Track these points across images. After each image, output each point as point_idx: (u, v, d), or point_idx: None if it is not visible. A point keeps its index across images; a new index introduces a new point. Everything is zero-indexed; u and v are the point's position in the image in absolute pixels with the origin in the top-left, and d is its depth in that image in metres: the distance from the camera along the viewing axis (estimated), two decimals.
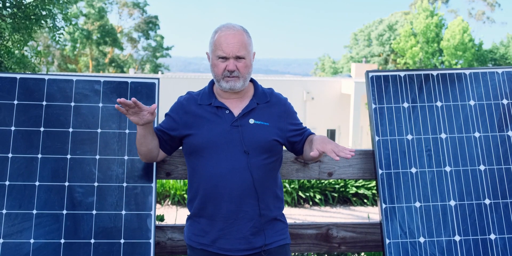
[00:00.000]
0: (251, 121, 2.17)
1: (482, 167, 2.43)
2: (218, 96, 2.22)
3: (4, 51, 2.98)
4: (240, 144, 2.13)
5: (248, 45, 2.14)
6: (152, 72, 38.98)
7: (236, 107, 2.20)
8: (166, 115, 2.28)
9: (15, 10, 3.00)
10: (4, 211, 2.28)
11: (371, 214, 8.06)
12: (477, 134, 2.47)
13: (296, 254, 3.10)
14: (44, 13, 3.02)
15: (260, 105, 2.22)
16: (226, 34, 2.12)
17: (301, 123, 2.32)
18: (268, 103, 2.24)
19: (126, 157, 2.40)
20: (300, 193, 8.86)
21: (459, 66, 29.78)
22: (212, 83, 2.27)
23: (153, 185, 2.39)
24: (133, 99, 2.00)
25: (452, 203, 2.39)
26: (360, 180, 9.12)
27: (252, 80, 2.28)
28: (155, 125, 2.38)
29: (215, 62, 2.14)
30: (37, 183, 2.33)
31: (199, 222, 2.20)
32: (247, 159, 2.13)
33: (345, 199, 9.15)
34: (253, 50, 2.21)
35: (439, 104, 2.51)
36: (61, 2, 3.05)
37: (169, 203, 8.67)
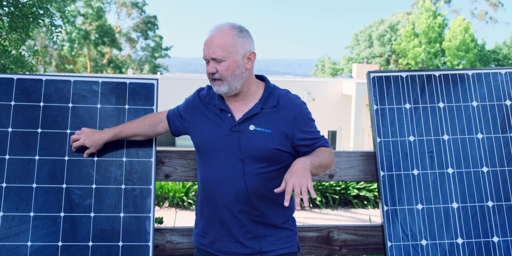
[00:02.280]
0: (251, 127, 2.06)
1: (485, 169, 2.40)
2: (224, 98, 2.15)
3: (1, 50, 2.96)
4: (236, 150, 2.05)
5: (230, 46, 2.00)
6: (151, 72, 38.96)
7: (239, 111, 2.11)
8: (186, 100, 2.28)
9: (12, 8, 2.98)
10: (1, 214, 2.26)
11: (373, 216, 8.04)
12: (479, 136, 2.44)
13: None
14: (41, 12, 3.00)
15: (264, 110, 2.08)
16: (209, 35, 2.04)
17: (317, 132, 2.14)
18: (275, 107, 2.08)
19: (124, 159, 2.38)
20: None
21: (461, 67, 29.75)
22: None
23: (151, 187, 2.36)
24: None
25: (455, 205, 2.36)
26: (362, 182, 9.08)
27: (265, 80, 2.17)
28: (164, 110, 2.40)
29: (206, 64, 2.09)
30: (34, 185, 2.30)
31: (201, 222, 2.20)
32: (242, 166, 2.05)
33: (346, 201, 9.11)
34: (247, 50, 2.04)
35: (441, 105, 2.48)
36: (58, 0, 3.03)
37: (168, 205, 8.64)
